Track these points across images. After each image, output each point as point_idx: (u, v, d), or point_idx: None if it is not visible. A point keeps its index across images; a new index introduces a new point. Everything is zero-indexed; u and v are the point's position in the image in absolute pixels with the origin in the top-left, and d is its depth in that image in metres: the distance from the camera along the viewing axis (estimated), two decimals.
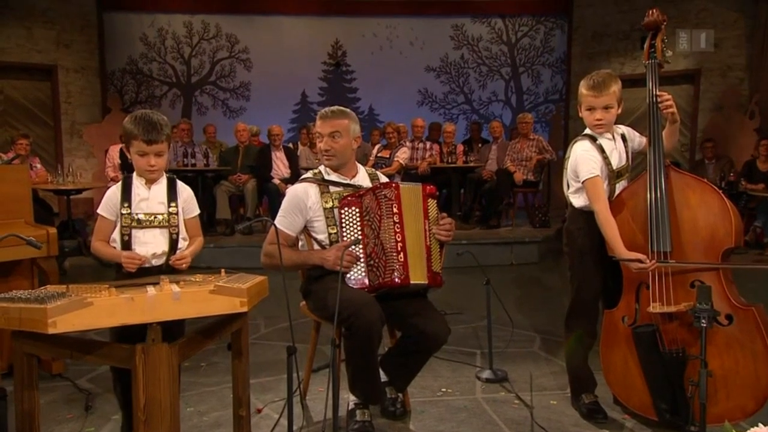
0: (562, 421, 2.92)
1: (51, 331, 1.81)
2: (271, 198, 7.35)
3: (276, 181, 7.44)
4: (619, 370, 2.85)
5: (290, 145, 8.58)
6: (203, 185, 7.51)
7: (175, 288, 2.01)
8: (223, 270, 2.30)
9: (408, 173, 7.47)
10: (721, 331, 2.57)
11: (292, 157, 7.71)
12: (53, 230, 3.53)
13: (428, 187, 2.84)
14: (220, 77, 10.52)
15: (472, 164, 7.83)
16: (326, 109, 2.87)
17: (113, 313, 1.91)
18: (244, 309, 2.06)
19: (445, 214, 2.90)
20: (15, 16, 9.12)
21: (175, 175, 2.74)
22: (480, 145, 8.70)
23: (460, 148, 8.12)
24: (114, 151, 8.06)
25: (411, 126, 8.05)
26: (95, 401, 3.18)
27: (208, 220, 7.63)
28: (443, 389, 3.32)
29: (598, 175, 2.85)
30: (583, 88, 2.89)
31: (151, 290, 2.00)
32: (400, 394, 3.00)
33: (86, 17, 9.77)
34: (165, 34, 10.34)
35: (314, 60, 10.50)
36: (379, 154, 7.75)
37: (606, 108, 2.85)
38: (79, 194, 7.34)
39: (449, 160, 7.76)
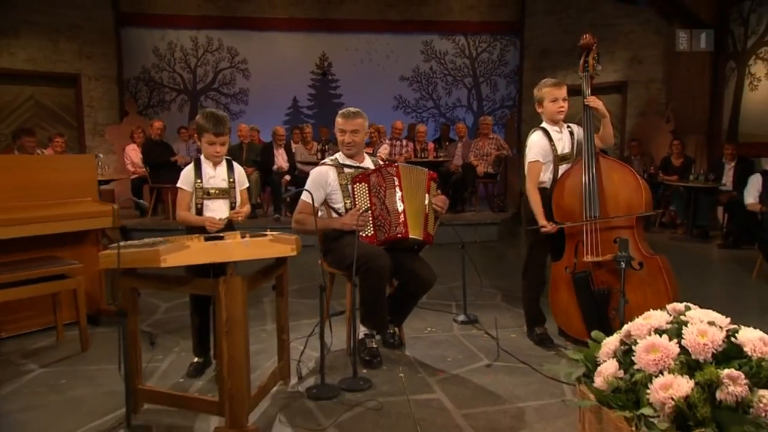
0: (520, 347, 3.42)
1: (163, 265, 2.23)
2: (274, 188, 7.72)
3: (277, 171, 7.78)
4: (563, 307, 3.37)
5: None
6: None
7: (245, 238, 2.46)
8: (268, 230, 2.74)
9: None
10: (635, 275, 3.10)
11: (290, 153, 8.08)
12: (116, 206, 3.91)
13: (432, 173, 3.33)
14: (222, 84, 10.75)
15: (441, 159, 8.23)
16: (347, 109, 3.30)
17: (203, 253, 2.34)
18: (294, 253, 2.51)
19: (439, 191, 3.38)
20: (44, 31, 9.27)
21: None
22: (447, 143, 9.14)
23: (431, 145, 8.55)
24: (130, 150, 8.36)
25: (391, 127, 8.46)
26: (157, 339, 3.59)
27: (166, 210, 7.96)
28: (428, 328, 3.79)
29: (538, 161, 3.37)
30: (546, 87, 3.37)
31: (227, 239, 2.44)
32: (397, 329, 3.47)
33: (106, 32, 9.94)
34: (174, 47, 10.53)
35: (304, 70, 10.74)
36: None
37: (564, 99, 3.35)
38: (107, 185, 7.61)
39: (422, 156, 8.21)
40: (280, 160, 7.91)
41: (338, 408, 2.63)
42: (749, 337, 1.64)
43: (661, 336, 1.71)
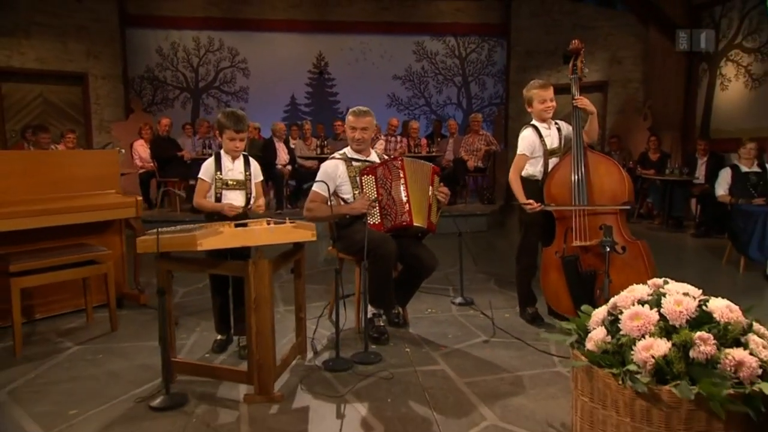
0: (513, 325, 3.63)
1: (199, 248, 2.41)
2: (277, 182, 7.86)
3: (279, 166, 7.92)
4: (553, 288, 3.58)
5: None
6: None
7: (271, 225, 2.63)
8: (287, 218, 2.91)
9: None
10: (618, 258, 3.31)
11: (289, 148, 8.22)
12: (140, 198, 4.05)
13: (436, 168, 3.51)
14: (223, 83, 10.83)
15: (433, 154, 8.43)
16: (357, 108, 3.46)
17: (234, 238, 2.51)
18: (314, 239, 2.69)
19: (442, 184, 3.56)
20: (53, 32, 9.29)
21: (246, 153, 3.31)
22: (439, 139, 9.33)
23: (424, 141, 8.73)
24: (138, 146, 8.46)
25: (387, 124, 8.62)
26: (179, 320, 3.75)
27: (189, 200, 8.10)
28: (429, 309, 3.99)
29: (524, 155, 3.58)
30: (534, 89, 3.56)
31: (254, 226, 2.61)
32: (401, 310, 3.66)
33: (112, 33, 9.97)
34: (177, 47, 10.59)
35: (302, 69, 10.84)
36: None
37: (552, 99, 3.55)
38: None
39: (415, 151, 8.38)
40: (282, 154, 8.05)
41: (353, 378, 2.81)
42: (717, 305, 1.84)
43: (643, 306, 1.91)
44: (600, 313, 2.03)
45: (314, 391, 2.67)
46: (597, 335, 1.94)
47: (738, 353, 1.71)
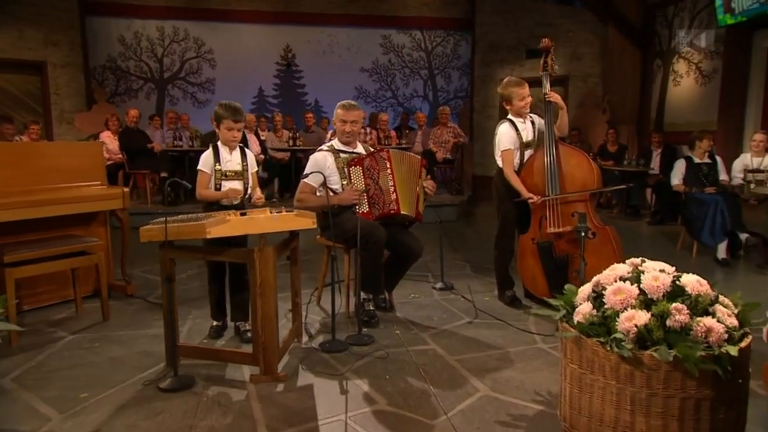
0: (493, 307, 3.86)
1: (208, 236, 2.52)
2: None
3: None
4: (530, 272, 3.82)
5: None
6: (190, 163, 7.97)
7: (273, 214, 2.76)
8: (283, 208, 3.04)
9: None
10: (590, 243, 3.57)
11: (260, 139, 8.25)
12: (126, 189, 4.09)
13: (423, 161, 3.69)
14: (189, 74, 10.71)
15: (403, 146, 8.61)
16: (347, 102, 3.60)
17: (240, 226, 2.63)
18: (314, 226, 2.83)
19: (429, 176, 3.75)
20: (8, 19, 9.02)
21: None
22: (407, 131, 9.51)
23: (393, 133, 8.90)
24: (105, 137, 8.31)
25: None
26: None
27: (192, 191, 8.08)
28: (412, 295, 4.18)
29: (510, 149, 3.78)
30: (512, 87, 3.76)
31: (259, 214, 2.74)
32: (388, 295, 3.84)
33: (70, 21, 9.73)
34: (140, 37, 10.40)
35: (269, 61, 10.82)
36: (331, 138, 8.40)
37: (529, 96, 3.77)
38: None
39: (385, 143, 8.54)
40: (253, 145, 8.07)
41: (350, 358, 2.98)
42: (689, 280, 2.09)
43: (624, 282, 2.14)
44: (585, 290, 2.26)
45: (315, 371, 2.82)
46: (584, 309, 2.16)
47: (707, 321, 1.96)
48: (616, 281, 2.17)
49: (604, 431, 2.05)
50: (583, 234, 3.36)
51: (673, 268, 2.17)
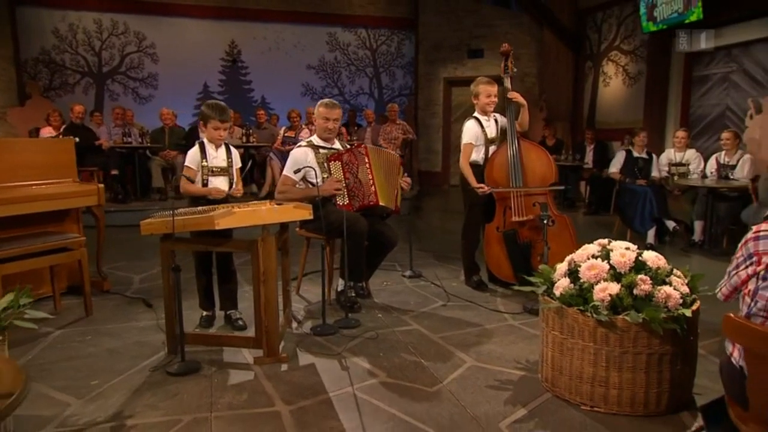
0: (462, 291, 4.19)
1: (217, 227, 2.67)
2: None
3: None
4: (495, 258, 4.17)
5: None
6: (140, 160, 7.86)
7: (273, 206, 2.95)
8: (271, 201, 3.22)
9: None
10: (550, 229, 3.95)
11: None
12: (101, 186, 4.10)
13: (401, 159, 3.95)
14: (130, 68, 10.41)
15: (354, 142, 8.84)
16: (329, 101, 3.79)
17: (245, 217, 2.80)
18: (311, 217, 3.04)
19: (406, 174, 4.02)
20: None
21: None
22: (356, 128, 9.74)
23: (344, 130, 9.11)
24: (47, 133, 8.03)
25: (305, 113, 8.89)
26: (152, 303, 3.89)
27: (142, 189, 7.98)
28: (385, 283, 4.44)
29: (471, 143, 4.13)
30: (482, 84, 4.09)
31: (260, 206, 2.91)
32: (365, 283, 4.07)
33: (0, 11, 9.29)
34: (76, 29, 10.02)
35: (214, 56, 10.68)
36: (286, 134, 8.52)
37: (495, 95, 4.10)
38: None
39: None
40: None
41: (342, 340, 3.20)
42: (649, 255, 2.47)
43: (596, 259, 2.49)
44: (562, 267, 2.60)
45: (313, 352, 3.03)
46: (563, 284, 2.50)
47: (666, 289, 2.34)
48: (588, 259, 2.51)
49: (583, 386, 2.41)
50: (546, 222, 3.73)
51: (635, 246, 2.54)
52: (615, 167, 6.46)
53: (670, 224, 6.01)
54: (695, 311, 2.37)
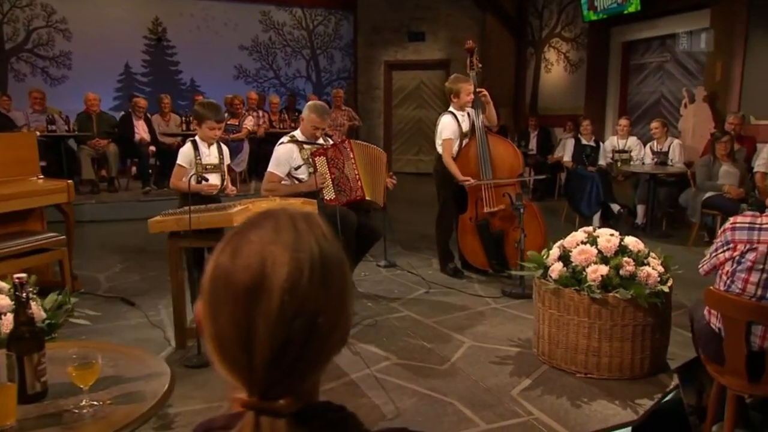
0: (438, 278, 4.67)
1: (234, 224, 2.96)
2: (141, 159, 7.89)
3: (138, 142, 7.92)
4: (469, 247, 4.68)
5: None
6: (67, 150, 7.73)
7: (276, 201, 3.28)
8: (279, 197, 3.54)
9: (251, 138, 8.54)
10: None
11: (150, 124, 8.23)
12: (71, 182, 4.21)
13: (385, 156, 4.33)
14: (38, 45, 10.02)
15: (295, 128, 9.06)
16: (321, 107, 4.11)
17: None
18: (315, 211, 3.38)
19: (391, 173, 4.42)
20: None
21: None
22: (296, 114, 9.95)
23: (286, 116, 9.34)
24: None
25: (246, 98, 9.03)
26: (134, 302, 4.08)
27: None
28: (363, 273, 4.83)
29: (451, 138, 4.60)
30: (461, 83, 4.56)
31: (272, 203, 3.23)
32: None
33: None
34: None
35: (135, 34, 10.43)
36: (228, 123, 8.62)
37: (473, 92, 4.57)
38: None
39: (280, 127, 8.97)
40: (141, 131, 8.04)
41: None
42: (630, 240, 3.05)
43: (585, 245, 3.04)
44: (555, 253, 3.12)
45: None
46: (557, 267, 3.03)
47: (646, 269, 2.92)
48: (578, 245, 3.05)
49: (578, 357, 2.95)
50: (520, 210, 4.27)
51: (618, 233, 3.11)
52: (567, 155, 7.17)
53: (615, 208, 6.80)
54: (670, 287, 2.97)
